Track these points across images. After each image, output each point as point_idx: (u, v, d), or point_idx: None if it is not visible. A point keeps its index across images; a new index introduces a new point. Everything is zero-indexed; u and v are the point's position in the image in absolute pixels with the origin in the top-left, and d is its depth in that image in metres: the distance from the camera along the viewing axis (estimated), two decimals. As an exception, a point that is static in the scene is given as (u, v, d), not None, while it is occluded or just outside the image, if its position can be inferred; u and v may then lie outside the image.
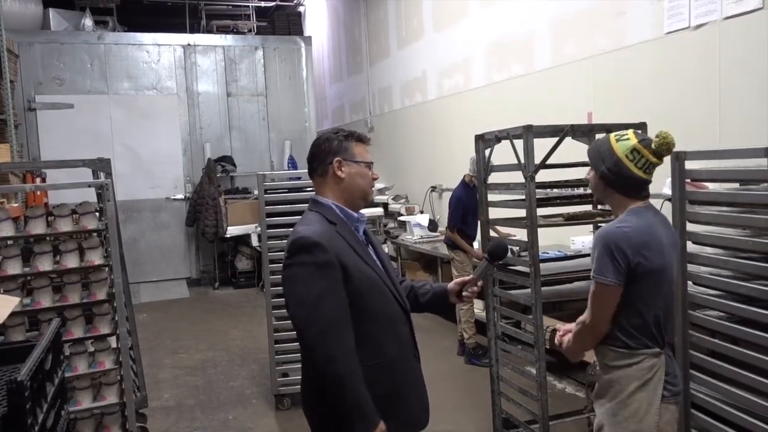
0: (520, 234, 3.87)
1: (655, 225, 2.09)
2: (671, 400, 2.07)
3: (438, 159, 7.58)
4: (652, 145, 2.08)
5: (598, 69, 4.81)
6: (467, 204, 5.12)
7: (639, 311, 2.05)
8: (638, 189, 2.11)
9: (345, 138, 1.97)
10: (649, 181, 2.12)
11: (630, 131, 2.17)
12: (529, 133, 3.04)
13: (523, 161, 3.07)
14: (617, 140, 2.14)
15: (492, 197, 3.56)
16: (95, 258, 3.28)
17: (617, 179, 2.11)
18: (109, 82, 8.78)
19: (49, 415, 1.67)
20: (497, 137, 3.33)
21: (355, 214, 1.98)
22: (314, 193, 2.03)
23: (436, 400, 2.13)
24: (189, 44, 9.25)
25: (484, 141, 3.48)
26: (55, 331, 1.88)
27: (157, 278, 9.00)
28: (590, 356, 2.47)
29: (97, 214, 3.34)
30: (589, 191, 3.23)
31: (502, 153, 3.37)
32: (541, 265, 3.21)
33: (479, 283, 2.13)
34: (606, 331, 2.10)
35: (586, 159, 2.27)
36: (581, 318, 2.16)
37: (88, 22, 9.29)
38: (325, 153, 1.96)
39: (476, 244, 5.22)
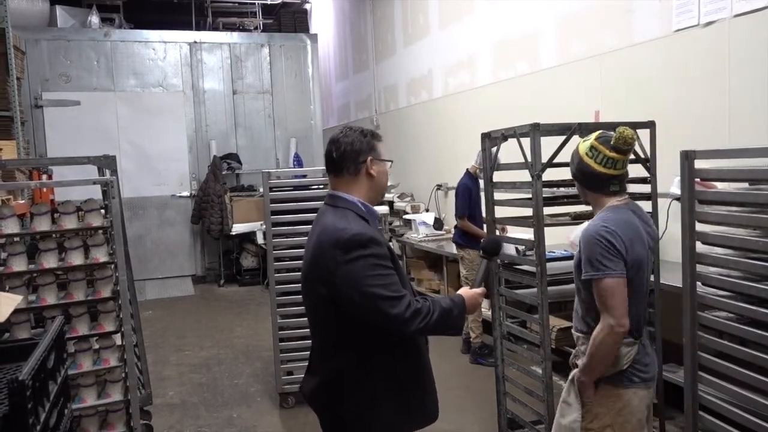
0: (527, 233, 3.84)
1: (633, 219, 2.21)
2: (641, 386, 2.20)
3: (444, 157, 7.55)
4: (611, 141, 2.18)
5: (606, 67, 4.77)
6: (474, 192, 5.10)
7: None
8: (603, 185, 2.23)
9: (372, 137, 2.01)
10: (614, 176, 2.21)
11: (598, 132, 2.27)
12: (537, 131, 3.01)
13: (530, 160, 3.05)
14: (582, 141, 2.29)
15: (498, 195, 3.53)
16: (100, 255, 3.27)
17: (582, 177, 2.28)
18: (115, 80, 8.79)
19: (51, 413, 1.66)
20: (504, 135, 3.30)
21: (377, 211, 2.07)
22: (331, 188, 2.04)
23: (440, 399, 2.14)
24: (195, 41, 9.25)
25: (491, 139, 3.45)
26: (58, 329, 1.87)
27: (162, 275, 9.02)
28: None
29: (103, 211, 3.33)
30: None
31: (509, 151, 3.35)
32: (547, 264, 3.18)
33: (484, 283, 2.14)
34: (629, 326, 2.12)
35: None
36: (598, 328, 2.15)
37: (94, 19, 9.30)
38: (358, 152, 1.97)
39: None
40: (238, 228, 8.53)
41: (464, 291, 2.04)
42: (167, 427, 4.23)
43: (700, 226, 2.63)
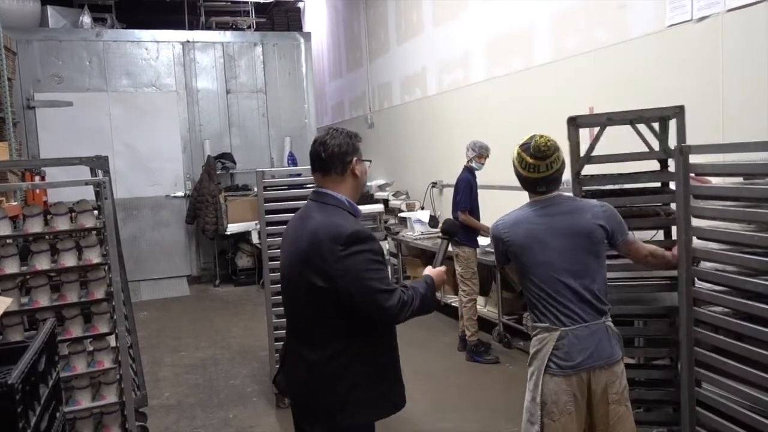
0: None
1: (535, 214, 2.41)
2: (558, 373, 2.31)
3: (438, 154, 7.54)
4: (530, 149, 2.37)
5: (600, 63, 4.77)
6: (474, 187, 5.12)
7: (527, 288, 2.42)
8: (530, 185, 2.45)
9: (355, 138, 2.12)
10: (539, 179, 2.39)
11: (525, 138, 2.41)
12: (683, 114, 2.81)
13: (674, 148, 2.74)
14: (516, 146, 2.46)
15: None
16: (93, 256, 3.25)
17: (517, 178, 2.49)
18: (108, 80, 8.74)
19: (42, 417, 1.64)
20: (610, 119, 2.87)
21: (360, 209, 2.16)
22: (319, 187, 2.13)
23: (437, 397, 2.15)
24: (188, 41, 9.20)
25: (576, 125, 2.99)
26: (49, 331, 1.85)
27: (157, 276, 8.98)
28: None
29: (95, 212, 3.31)
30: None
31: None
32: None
33: (442, 261, 2.33)
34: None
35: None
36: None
37: (86, 19, 9.23)
38: (345, 153, 2.06)
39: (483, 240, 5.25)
40: (232, 228, 8.49)
41: (430, 270, 2.20)
42: (163, 429, 4.21)
43: (695, 222, 2.63)
